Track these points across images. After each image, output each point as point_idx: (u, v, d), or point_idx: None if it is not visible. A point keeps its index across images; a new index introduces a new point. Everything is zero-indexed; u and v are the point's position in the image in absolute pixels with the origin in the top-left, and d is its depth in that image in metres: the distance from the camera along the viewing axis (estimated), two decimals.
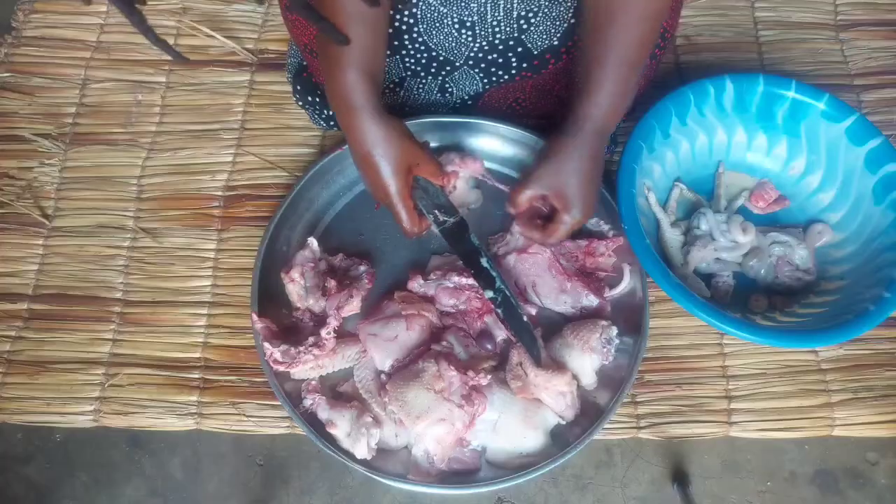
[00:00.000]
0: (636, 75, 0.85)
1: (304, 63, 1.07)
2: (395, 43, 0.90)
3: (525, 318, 0.88)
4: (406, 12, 0.87)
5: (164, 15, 1.21)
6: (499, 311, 0.88)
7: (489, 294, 0.88)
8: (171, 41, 1.19)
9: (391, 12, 0.87)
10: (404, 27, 0.88)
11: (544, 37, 0.91)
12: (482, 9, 0.87)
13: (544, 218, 0.91)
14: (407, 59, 0.92)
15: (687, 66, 1.18)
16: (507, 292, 0.88)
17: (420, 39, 0.90)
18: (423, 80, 0.96)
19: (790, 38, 1.21)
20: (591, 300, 0.95)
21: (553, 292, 0.95)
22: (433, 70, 0.94)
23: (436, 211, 0.89)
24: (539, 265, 0.95)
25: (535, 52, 0.92)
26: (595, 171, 0.86)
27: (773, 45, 1.20)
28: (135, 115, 1.14)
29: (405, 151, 0.83)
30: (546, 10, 0.88)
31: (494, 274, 0.89)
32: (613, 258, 0.97)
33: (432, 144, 1.04)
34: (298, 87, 1.08)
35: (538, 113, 1.02)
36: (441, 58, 0.92)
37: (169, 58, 1.17)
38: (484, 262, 0.89)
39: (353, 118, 0.81)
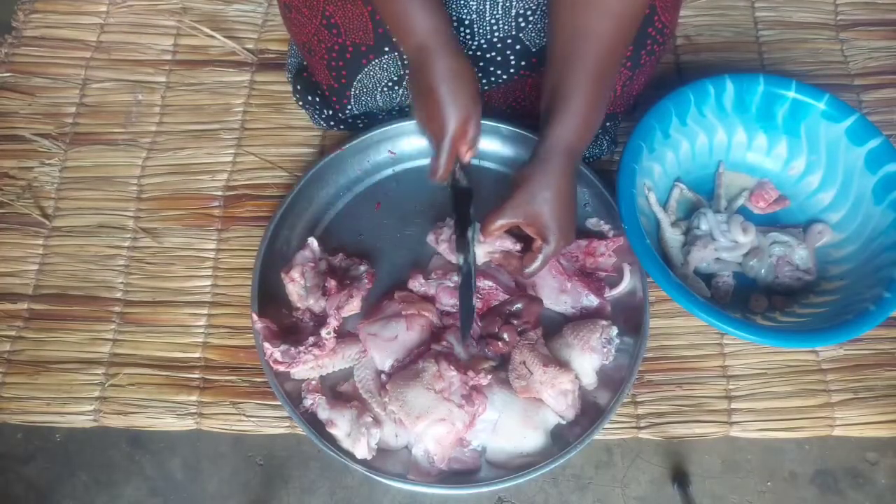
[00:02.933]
0: (608, 89, 0.83)
1: (304, 63, 1.07)
2: (395, 39, 0.90)
3: (474, 300, 0.90)
4: None
5: (164, 15, 1.21)
6: (457, 279, 0.91)
7: (459, 259, 0.91)
8: (170, 41, 1.20)
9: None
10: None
11: (542, 34, 0.91)
12: (481, 7, 0.87)
13: (522, 248, 0.91)
14: (406, 56, 0.92)
15: (687, 66, 1.18)
16: (472, 269, 0.90)
17: None
18: None
19: (790, 38, 1.21)
20: (591, 300, 0.95)
21: (553, 292, 0.95)
22: None
23: (458, 167, 0.90)
24: None
25: (534, 50, 0.92)
26: (569, 195, 0.83)
27: (773, 45, 1.20)
28: (135, 115, 1.14)
29: (471, 100, 0.82)
30: (544, 8, 0.88)
31: (472, 249, 0.90)
32: (613, 258, 0.97)
33: None
34: (298, 87, 1.08)
35: (538, 113, 1.02)
36: None
37: (168, 57, 1.18)
38: (469, 232, 0.90)
39: (427, 56, 0.80)
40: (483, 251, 0.94)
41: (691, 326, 0.99)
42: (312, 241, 0.96)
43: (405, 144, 1.04)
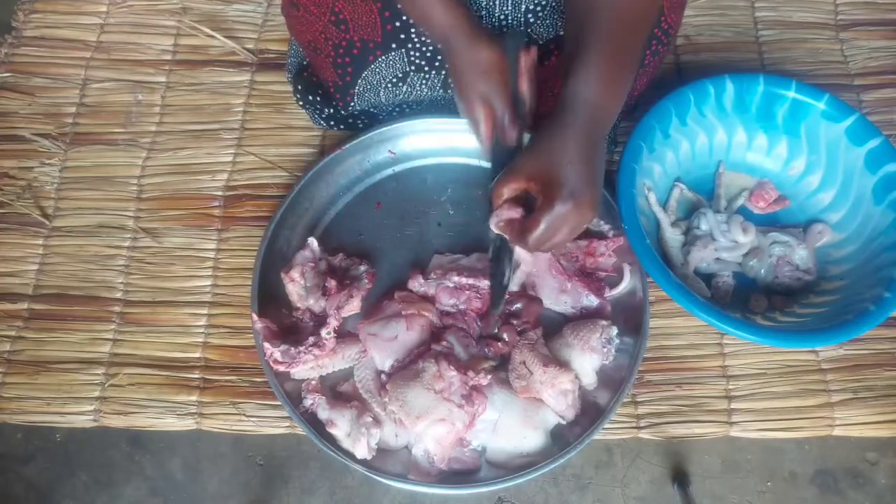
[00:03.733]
0: (630, 59, 0.78)
1: (305, 63, 1.07)
2: (402, 36, 0.90)
3: (508, 269, 0.86)
4: None
5: (164, 15, 1.21)
6: (494, 244, 0.86)
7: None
8: (170, 41, 1.20)
9: (399, 6, 0.87)
10: (412, 21, 0.89)
11: (550, 28, 0.91)
12: (490, 2, 0.88)
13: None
14: (412, 53, 0.92)
15: (687, 66, 1.18)
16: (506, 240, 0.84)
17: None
18: (427, 75, 0.96)
19: (790, 38, 1.21)
20: (591, 300, 0.95)
21: (553, 292, 0.95)
22: (437, 63, 0.94)
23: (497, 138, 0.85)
24: (539, 265, 0.95)
25: (541, 42, 0.92)
26: (587, 157, 0.74)
27: (773, 44, 1.20)
28: (135, 115, 1.14)
29: (494, 87, 0.81)
30: (553, 4, 0.88)
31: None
32: (613, 258, 0.97)
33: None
34: (299, 87, 1.08)
35: (539, 113, 1.02)
36: None
37: (168, 57, 1.18)
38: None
39: (449, 50, 0.82)
40: (492, 223, 0.83)
41: (691, 326, 0.99)
42: (312, 241, 0.96)
43: (405, 144, 1.04)
